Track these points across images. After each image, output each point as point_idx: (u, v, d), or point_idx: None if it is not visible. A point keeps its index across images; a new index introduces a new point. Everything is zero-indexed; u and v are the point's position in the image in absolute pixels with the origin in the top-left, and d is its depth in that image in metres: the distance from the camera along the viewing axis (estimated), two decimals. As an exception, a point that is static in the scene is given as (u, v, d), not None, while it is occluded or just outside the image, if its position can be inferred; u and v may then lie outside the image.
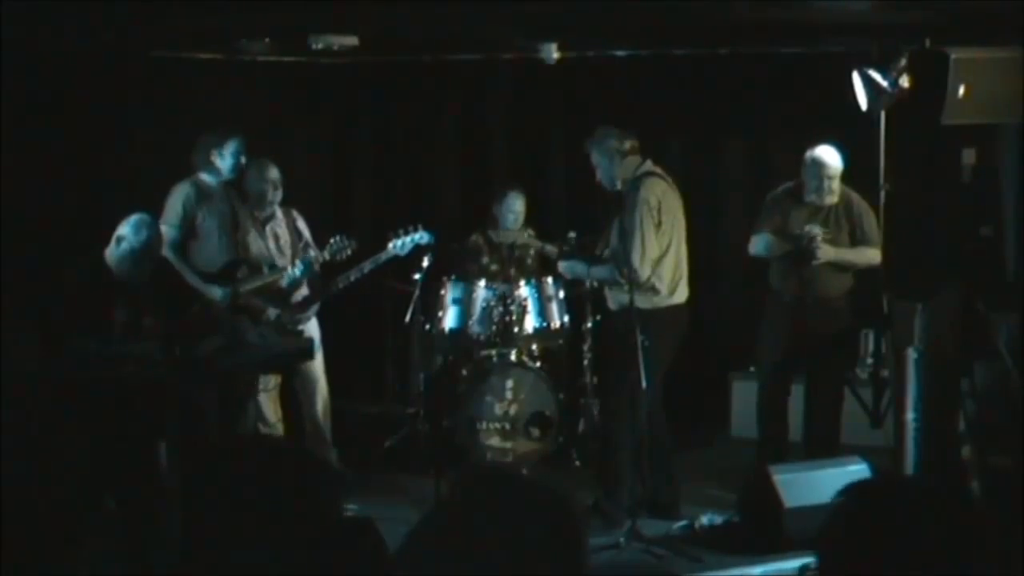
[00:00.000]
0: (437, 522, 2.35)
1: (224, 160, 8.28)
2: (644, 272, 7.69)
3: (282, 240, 8.73)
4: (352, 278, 8.69)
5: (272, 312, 8.46)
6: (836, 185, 8.39)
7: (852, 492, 2.48)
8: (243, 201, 8.65)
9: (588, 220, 8.55)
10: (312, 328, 8.82)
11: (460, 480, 2.45)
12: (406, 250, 8.75)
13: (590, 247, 8.25)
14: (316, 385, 8.84)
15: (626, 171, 7.90)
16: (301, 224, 8.86)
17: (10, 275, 8.13)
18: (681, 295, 7.97)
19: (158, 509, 6.34)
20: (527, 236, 9.48)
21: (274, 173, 8.62)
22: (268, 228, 8.70)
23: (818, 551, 2.50)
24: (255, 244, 8.59)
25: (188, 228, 8.25)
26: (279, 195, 8.68)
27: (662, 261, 7.81)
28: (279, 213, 8.75)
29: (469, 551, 2.26)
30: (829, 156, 8.36)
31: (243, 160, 8.32)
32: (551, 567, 2.28)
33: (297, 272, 8.56)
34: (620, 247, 7.71)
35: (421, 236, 8.77)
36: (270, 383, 8.64)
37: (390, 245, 8.72)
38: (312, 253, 8.64)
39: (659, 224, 7.79)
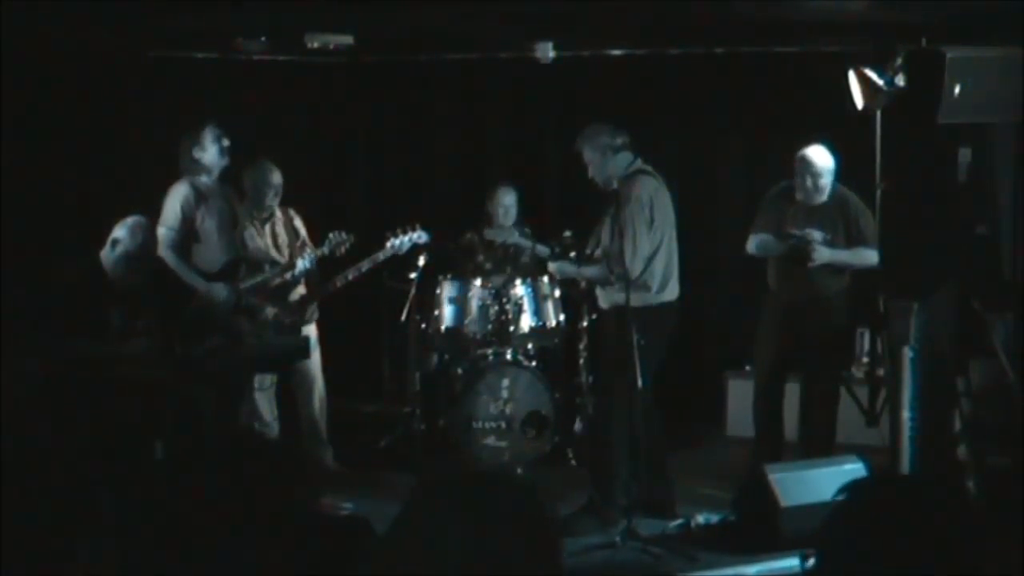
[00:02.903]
0: (402, 525, 2.35)
1: (207, 151, 8.24)
2: (636, 269, 7.68)
3: (280, 239, 8.75)
4: (350, 277, 8.72)
5: (270, 311, 8.47)
6: (824, 183, 8.38)
7: (854, 489, 2.49)
8: (240, 199, 8.66)
9: (583, 219, 8.54)
10: (309, 327, 8.83)
11: (421, 483, 2.46)
12: (404, 249, 8.76)
13: (582, 246, 8.25)
14: (313, 384, 8.85)
15: (617, 168, 7.89)
16: (298, 223, 8.88)
17: (7, 276, 8.12)
18: (672, 293, 7.97)
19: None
20: (518, 236, 9.45)
21: (276, 177, 8.64)
22: (267, 227, 8.72)
23: (818, 548, 2.51)
24: (252, 242, 8.61)
25: (187, 229, 8.23)
26: (278, 200, 8.70)
27: (653, 258, 7.81)
28: (277, 212, 8.77)
29: (437, 552, 2.26)
30: (817, 155, 8.37)
31: (226, 143, 8.26)
32: (523, 565, 2.28)
33: (307, 264, 8.57)
34: (612, 245, 7.70)
35: (419, 235, 8.79)
36: (266, 382, 8.65)
37: (388, 244, 8.73)
38: (309, 251, 8.66)
39: (651, 221, 7.79)
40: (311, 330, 8.83)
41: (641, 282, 7.73)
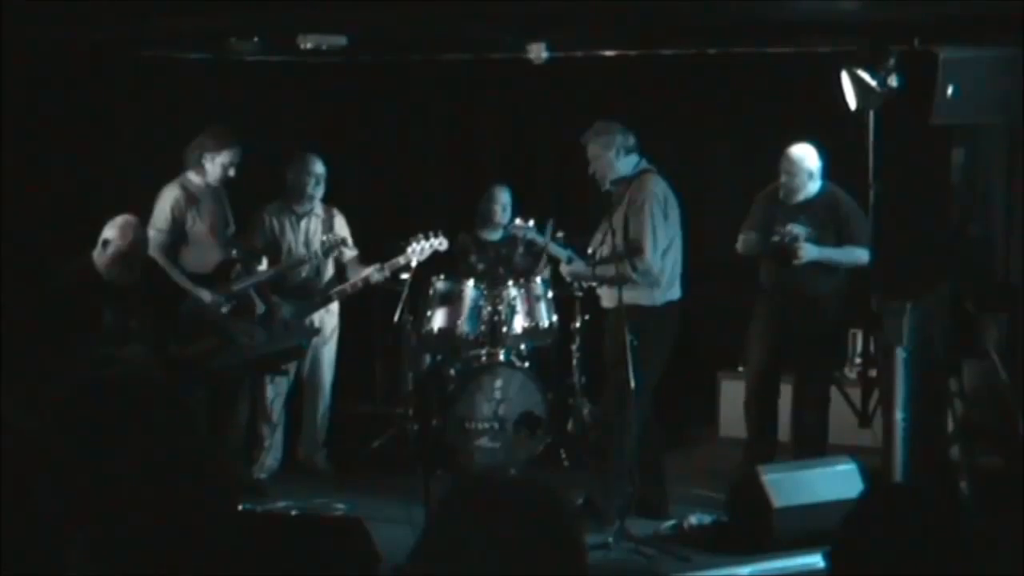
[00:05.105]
0: (436, 533, 2.36)
1: (213, 166, 8.28)
2: (657, 264, 7.69)
3: (314, 236, 8.75)
4: (373, 280, 8.72)
5: (287, 309, 8.50)
6: (799, 182, 8.40)
7: (873, 494, 2.51)
8: (280, 193, 8.75)
9: (578, 219, 8.53)
10: (328, 323, 8.85)
11: (453, 489, 2.47)
12: (424, 256, 8.73)
13: (581, 245, 8.21)
14: (320, 390, 8.91)
15: (624, 168, 7.89)
16: (339, 223, 8.89)
17: (2, 277, 8.11)
18: (676, 291, 7.97)
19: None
20: (535, 232, 9.20)
21: (319, 168, 8.71)
22: (303, 223, 8.74)
23: (833, 548, 2.53)
24: (285, 238, 8.67)
25: (178, 232, 8.25)
26: (320, 190, 8.75)
27: (666, 255, 7.81)
28: (319, 209, 8.80)
29: (469, 560, 2.27)
30: (796, 153, 8.40)
31: (232, 173, 8.32)
32: (553, 569, 2.29)
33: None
34: (625, 243, 7.66)
35: (440, 242, 8.77)
36: (282, 384, 8.70)
37: (409, 250, 8.69)
38: (348, 252, 8.71)
39: (666, 218, 7.81)
40: (330, 323, 8.88)
41: (655, 278, 7.73)
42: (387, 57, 10.54)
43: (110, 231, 7.20)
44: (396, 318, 9.01)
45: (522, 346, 9.11)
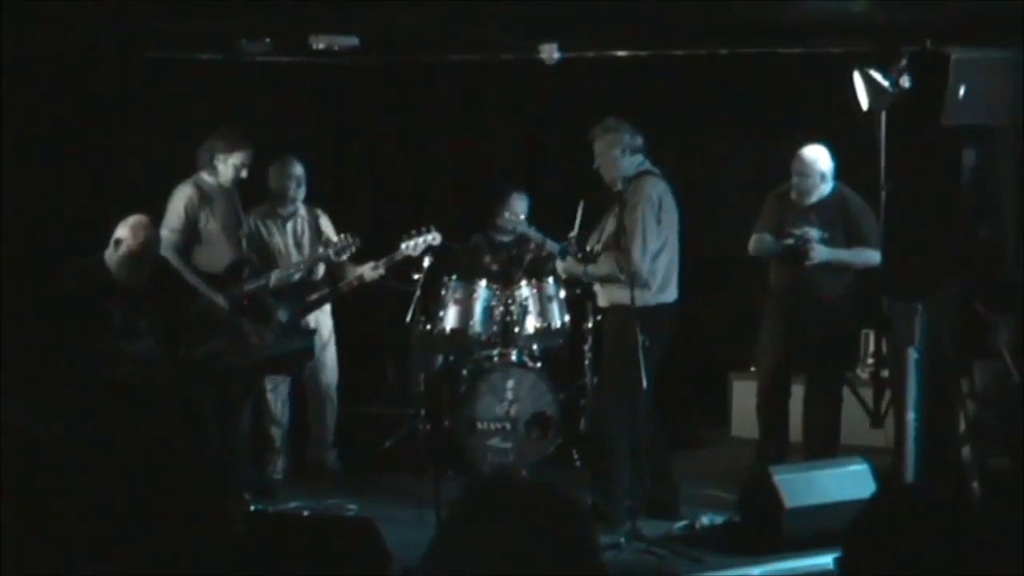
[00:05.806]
0: (448, 534, 2.38)
1: (225, 167, 8.30)
2: (645, 267, 7.67)
3: (304, 238, 8.77)
4: (367, 278, 8.71)
5: (283, 314, 8.49)
6: (811, 184, 8.39)
7: (884, 494, 2.52)
8: (265, 198, 8.69)
9: (587, 221, 8.53)
10: (325, 326, 8.85)
11: (465, 491, 2.48)
12: (418, 251, 8.72)
13: (583, 245, 8.22)
14: (326, 391, 8.91)
15: (628, 168, 7.88)
16: (324, 223, 8.91)
17: (9, 277, 8.13)
18: (670, 295, 7.93)
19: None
20: (528, 227, 9.20)
21: (298, 170, 8.72)
22: (288, 225, 8.75)
23: (844, 548, 2.53)
24: (274, 241, 8.67)
25: (191, 231, 8.26)
26: (302, 192, 8.76)
27: (657, 258, 7.80)
28: (302, 211, 8.82)
29: (481, 561, 2.28)
30: (807, 154, 8.39)
31: (244, 174, 8.34)
32: (565, 570, 2.31)
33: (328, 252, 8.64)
34: (618, 243, 7.67)
35: (433, 237, 8.75)
36: (281, 387, 8.70)
37: (403, 246, 8.70)
38: (330, 252, 8.72)
39: (659, 221, 7.79)
40: (326, 328, 8.88)
41: (644, 280, 7.72)
42: (398, 58, 10.54)
43: (122, 231, 7.22)
44: (408, 318, 9.01)
45: (534, 346, 9.12)
